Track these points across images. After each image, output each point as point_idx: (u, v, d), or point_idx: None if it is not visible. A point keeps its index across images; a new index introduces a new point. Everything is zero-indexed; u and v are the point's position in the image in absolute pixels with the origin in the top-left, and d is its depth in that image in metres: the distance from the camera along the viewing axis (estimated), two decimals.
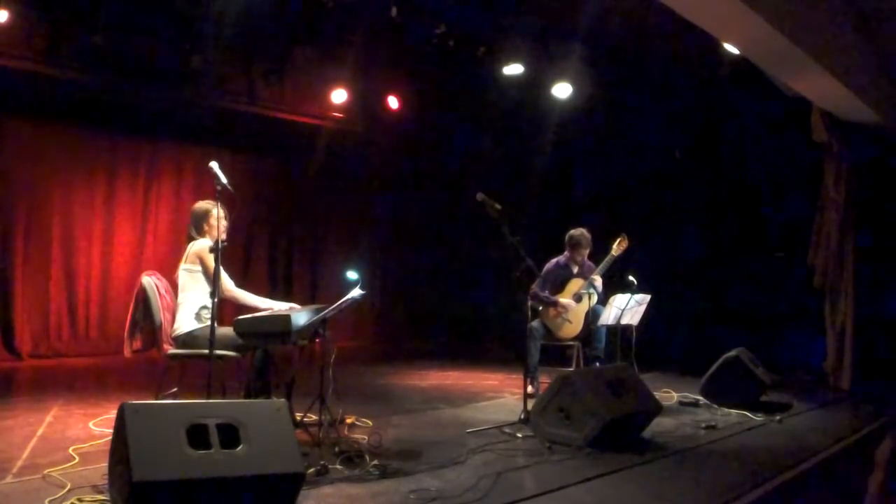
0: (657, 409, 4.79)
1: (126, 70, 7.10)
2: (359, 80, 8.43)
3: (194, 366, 4.41)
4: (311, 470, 3.41)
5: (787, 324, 8.06)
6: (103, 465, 3.15)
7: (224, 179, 4.00)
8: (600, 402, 4.33)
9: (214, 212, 4.39)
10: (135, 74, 7.16)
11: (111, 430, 3.01)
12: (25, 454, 3.80)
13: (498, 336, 9.66)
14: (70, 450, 3.81)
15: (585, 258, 6.34)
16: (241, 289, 4.57)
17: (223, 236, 4.42)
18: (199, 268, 4.45)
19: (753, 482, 3.76)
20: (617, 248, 6.21)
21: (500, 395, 6.22)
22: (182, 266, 4.51)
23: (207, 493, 2.76)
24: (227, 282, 4.47)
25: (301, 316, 4.17)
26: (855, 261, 7.30)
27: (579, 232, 6.32)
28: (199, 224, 4.58)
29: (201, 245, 4.46)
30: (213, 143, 8.19)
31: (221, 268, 4.38)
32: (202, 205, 4.62)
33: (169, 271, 4.80)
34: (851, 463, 4.48)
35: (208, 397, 3.79)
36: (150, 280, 4.53)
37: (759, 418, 5.33)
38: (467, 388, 6.63)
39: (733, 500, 3.50)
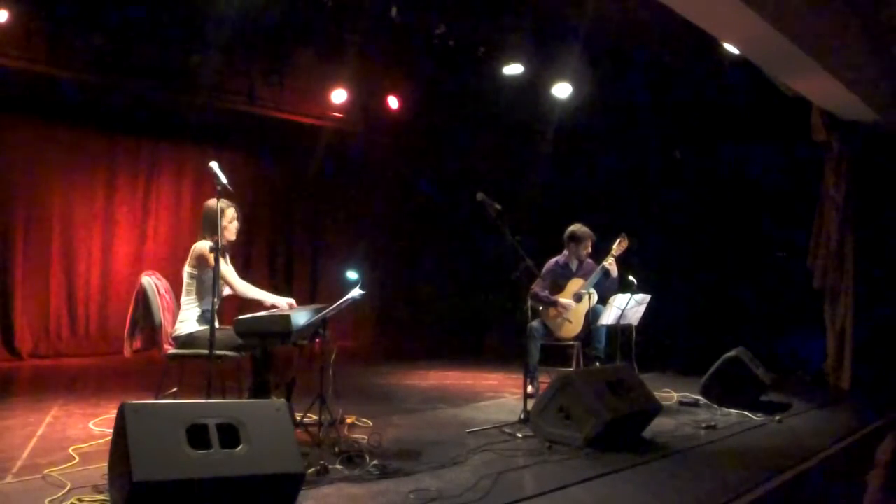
0: (657, 409, 4.79)
1: (126, 70, 7.10)
2: (359, 80, 8.43)
3: (194, 366, 4.41)
4: (311, 470, 3.41)
5: (787, 324, 8.06)
6: (103, 465, 3.15)
7: (224, 179, 4.00)
8: (600, 402, 4.33)
9: (229, 213, 4.42)
10: (135, 74, 7.16)
11: (111, 430, 3.01)
12: (25, 454, 3.80)
13: (498, 336, 9.65)
14: (70, 450, 3.81)
15: (589, 251, 6.33)
16: (244, 281, 4.60)
17: (233, 237, 4.50)
18: (200, 271, 4.44)
19: (753, 482, 3.76)
20: (617, 248, 6.21)
21: (500, 395, 6.22)
22: (185, 268, 4.51)
23: (207, 493, 2.76)
24: (234, 279, 4.49)
25: (301, 316, 4.17)
26: (855, 261, 7.30)
27: (578, 226, 6.31)
28: (212, 224, 4.51)
29: (202, 246, 4.44)
30: (213, 143, 8.19)
31: (230, 265, 4.41)
32: (214, 206, 4.47)
33: (169, 271, 4.80)
34: (851, 463, 4.48)
35: (208, 397, 3.80)
36: (149, 280, 4.53)
37: (759, 418, 5.33)
38: (467, 388, 6.63)
39: (733, 500, 3.50)
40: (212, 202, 4.55)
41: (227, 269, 4.51)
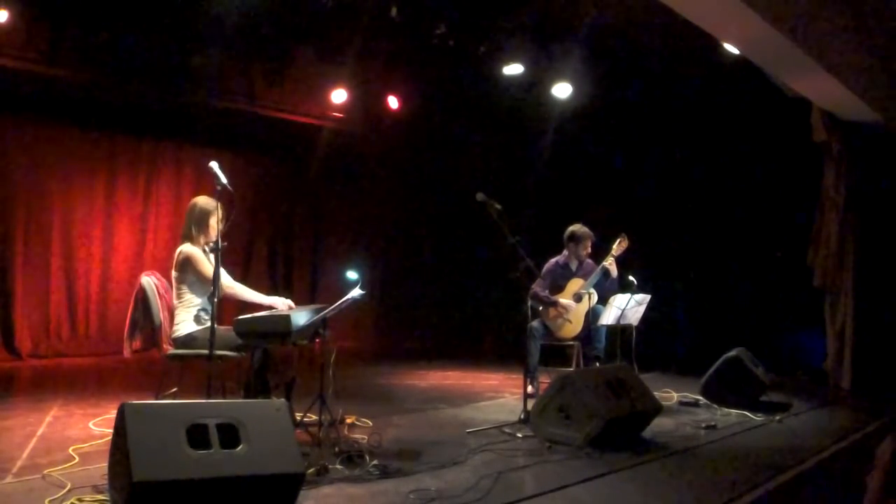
0: (657, 409, 4.79)
1: (126, 70, 7.10)
2: (359, 80, 8.43)
3: (194, 366, 4.41)
4: (311, 470, 3.40)
5: (787, 324, 8.06)
6: (103, 465, 3.15)
7: (224, 179, 4.00)
8: (600, 402, 4.33)
9: (215, 215, 4.36)
10: (135, 74, 7.16)
11: (111, 430, 3.01)
12: (25, 454, 3.80)
13: (498, 336, 9.65)
14: (70, 450, 3.81)
15: (589, 251, 6.33)
16: (238, 283, 4.58)
17: (213, 236, 4.41)
18: (188, 275, 4.43)
19: (753, 482, 3.76)
20: (617, 248, 6.21)
21: (500, 395, 6.22)
22: (173, 273, 4.49)
23: (207, 493, 2.76)
24: (226, 280, 4.47)
25: (301, 316, 4.17)
26: (855, 261, 7.30)
27: (578, 226, 6.31)
28: (198, 223, 4.51)
29: (188, 251, 4.42)
30: (213, 143, 8.19)
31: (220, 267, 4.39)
32: (202, 204, 4.51)
33: (169, 271, 4.79)
34: (851, 463, 4.48)
35: (208, 397, 3.79)
36: (149, 280, 4.53)
37: (759, 418, 5.33)
38: (467, 388, 6.64)
39: (733, 500, 3.50)
40: (200, 200, 4.54)
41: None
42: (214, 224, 4.40)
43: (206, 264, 4.39)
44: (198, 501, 2.76)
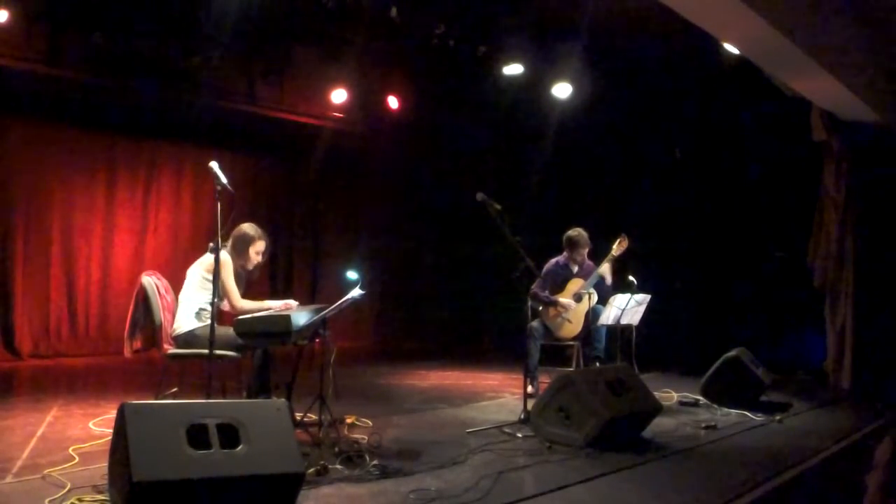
0: (657, 409, 4.79)
1: (126, 70, 7.10)
2: (359, 80, 8.43)
3: (194, 366, 4.41)
4: (311, 470, 3.41)
5: (787, 324, 8.06)
6: (103, 465, 3.15)
7: (224, 179, 4.00)
8: (600, 402, 4.33)
9: (259, 244, 4.57)
10: (135, 74, 7.16)
11: (111, 430, 3.01)
12: (25, 454, 3.80)
13: (498, 336, 9.65)
14: (70, 450, 3.81)
15: (585, 258, 6.34)
16: (245, 300, 4.58)
17: (250, 268, 4.62)
18: (212, 275, 4.44)
19: (753, 482, 3.76)
20: (617, 248, 6.22)
21: (500, 395, 6.22)
22: (199, 267, 4.51)
23: (207, 493, 2.76)
24: (236, 297, 4.49)
25: (301, 316, 4.17)
26: (855, 261, 7.30)
27: (577, 232, 6.31)
28: (235, 244, 4.57)
29: (224, 256, 4.43)
30: (213, 143, 8.18)
31: (234, 284, 4.39)
32: (249, 231, 4.60)
33: (169, 271, 4.81)
34: (851, 463, 4.48)
35: (208, 397, 3.80)
36: (150, 280, 4.53)
37: (759, 418, 5.33)
38: (467, 388, 6.63)
39: (733, 500, 3.50)
40: (248, 228, 4.60)
41: (233, 287, 4.50)
42: (252, 254, 4.58)
43: (231, 277, 4.47)
44: (198, 501, 2.76)
